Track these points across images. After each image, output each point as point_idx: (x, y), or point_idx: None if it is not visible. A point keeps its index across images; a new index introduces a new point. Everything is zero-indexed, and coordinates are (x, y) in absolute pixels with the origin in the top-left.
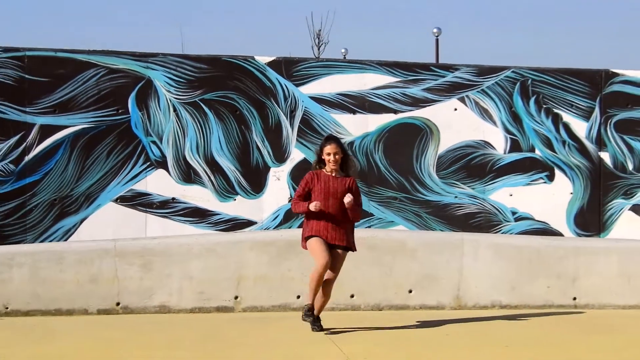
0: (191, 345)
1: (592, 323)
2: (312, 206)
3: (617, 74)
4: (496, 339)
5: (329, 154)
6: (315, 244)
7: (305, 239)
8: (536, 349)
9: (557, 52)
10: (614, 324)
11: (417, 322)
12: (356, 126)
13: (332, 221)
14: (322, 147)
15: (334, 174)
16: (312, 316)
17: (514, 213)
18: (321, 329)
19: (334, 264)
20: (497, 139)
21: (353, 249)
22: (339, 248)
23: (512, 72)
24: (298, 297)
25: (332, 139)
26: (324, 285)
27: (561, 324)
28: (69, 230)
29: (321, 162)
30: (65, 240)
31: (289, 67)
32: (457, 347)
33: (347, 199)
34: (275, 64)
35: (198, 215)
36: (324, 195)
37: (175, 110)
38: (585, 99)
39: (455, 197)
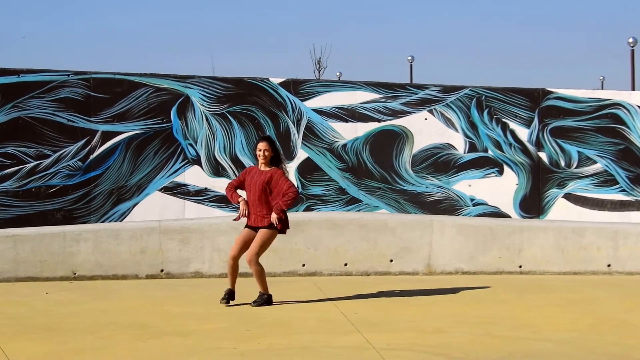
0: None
1: (533, 285)
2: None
3: (551, 92)
4: (458, 297)
5: (259, 150)
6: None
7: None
8: (489, 305)
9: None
10: (550, 285)
11: (397, 285)
12: (348, 132)
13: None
14: (255, 144)
15: (262, 168)
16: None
17: (472, 200)
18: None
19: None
20: (458, 142)
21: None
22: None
23: (470, 90)
24: (303, 265)
25: (264, 138)
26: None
27: (509, 286)
28: (124, 213)
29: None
30: (121, 220)
31: (296, 86)
32: (427, 303)
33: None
34: (285, 84)
35: (225, 201)
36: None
37: (207, 119)
38: (526, 110)
39: (426, 187)
